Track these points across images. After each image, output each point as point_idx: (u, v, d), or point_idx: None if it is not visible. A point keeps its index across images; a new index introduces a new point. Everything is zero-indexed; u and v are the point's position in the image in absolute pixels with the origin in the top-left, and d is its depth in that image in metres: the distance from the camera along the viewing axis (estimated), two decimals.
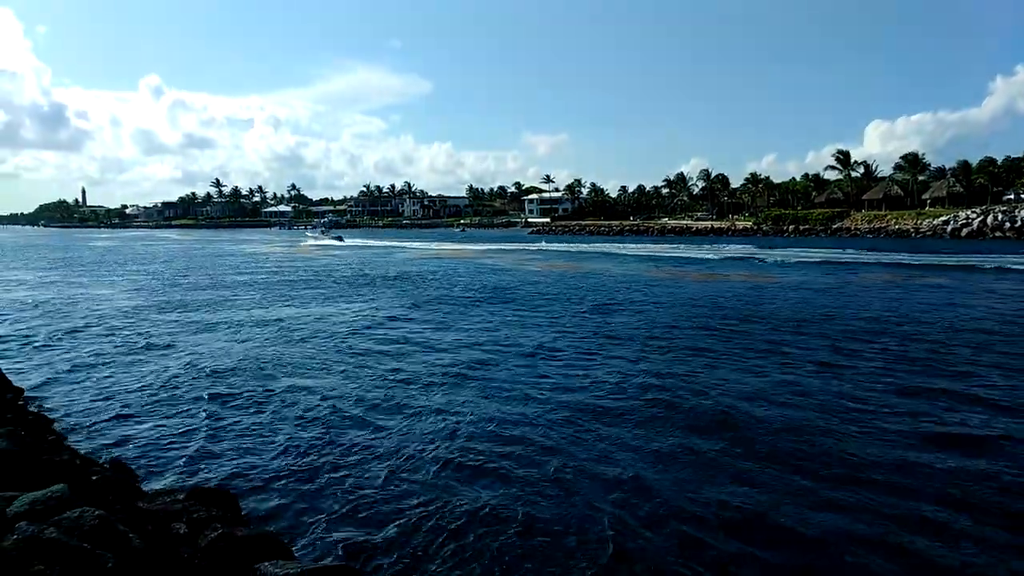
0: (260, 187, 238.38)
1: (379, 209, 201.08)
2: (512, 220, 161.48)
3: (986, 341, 17.78)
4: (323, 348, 18.33)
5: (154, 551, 5.91)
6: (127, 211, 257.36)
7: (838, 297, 27.46)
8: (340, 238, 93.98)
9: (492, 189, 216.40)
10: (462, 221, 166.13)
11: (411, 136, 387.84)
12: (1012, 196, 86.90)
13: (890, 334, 18.88)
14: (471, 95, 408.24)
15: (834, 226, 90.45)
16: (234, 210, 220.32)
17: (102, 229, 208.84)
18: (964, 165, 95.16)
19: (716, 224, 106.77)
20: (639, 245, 74.02)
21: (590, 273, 41.09)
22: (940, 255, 48.16)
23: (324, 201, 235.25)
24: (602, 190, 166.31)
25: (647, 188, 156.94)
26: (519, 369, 15.37)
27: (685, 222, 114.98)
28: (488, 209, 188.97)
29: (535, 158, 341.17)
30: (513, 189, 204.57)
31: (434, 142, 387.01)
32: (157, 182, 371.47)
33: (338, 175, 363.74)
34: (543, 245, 78.90)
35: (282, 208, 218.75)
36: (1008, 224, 70.14)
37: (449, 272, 42.86)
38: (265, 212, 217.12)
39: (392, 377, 14.72)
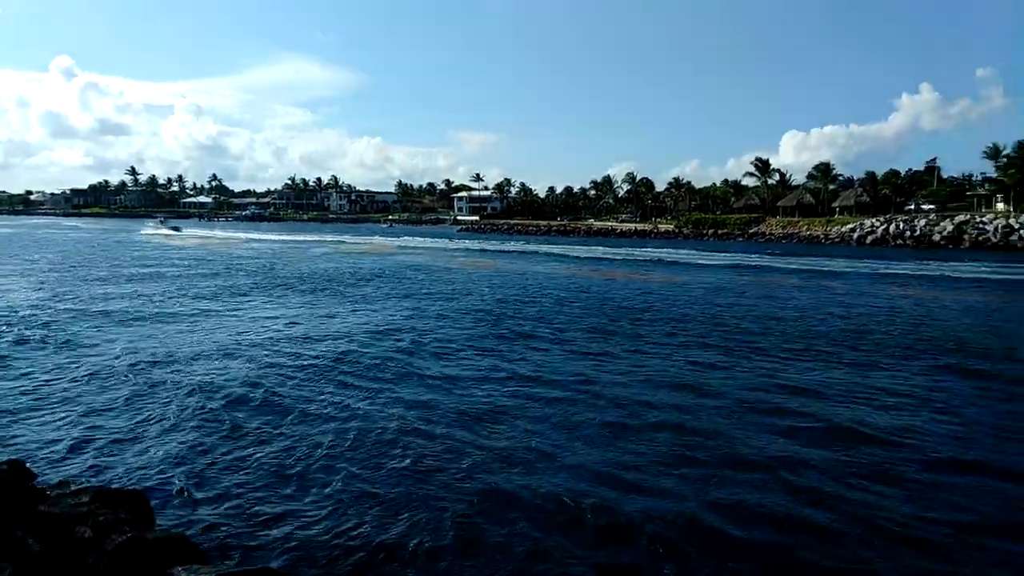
0: (180, 176, 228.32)
1: (304, 203, 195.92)
2: (441, 217, 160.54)
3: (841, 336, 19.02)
4: (229, 341, 17.75)
5: (56, 557, 5.57)
6: (32, 197, 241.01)
7: (728, 296, 28.67)
8: (178, 228, 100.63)
9: (422, 186, 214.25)
10: (390, 217, 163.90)
11: (340, 130, 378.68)
12: (912, 207, 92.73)
13: (773, 330, 19.95)
14: (402, 90, 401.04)
15: (751, 231, 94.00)
16: (150, 199, 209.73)
17: (2, 216, 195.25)
18: (871, 176, 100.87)
19: (640, 226, 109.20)
20: (562, 246, 74.87)
21: (502, 271, 41.39)
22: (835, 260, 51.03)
23: (247, 193, 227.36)
24: (531, 190, 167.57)
25: (575, 189, 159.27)
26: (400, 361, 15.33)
27: (610, 224, 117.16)
28: (417, 206, 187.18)
29: (465, 156, 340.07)
30: (443, 186, 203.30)
31: (363, 136, 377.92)
32: (66, 168, 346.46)
33: (262, 167, 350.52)
34: (467, 243, 78.79)
35: (202, 199, 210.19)
36: (908, 233, 74.73)
37: (365, 269, 42.22)
38: (184, 202, 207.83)
39: (306, 367, 14.41)
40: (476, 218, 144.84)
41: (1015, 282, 36.42)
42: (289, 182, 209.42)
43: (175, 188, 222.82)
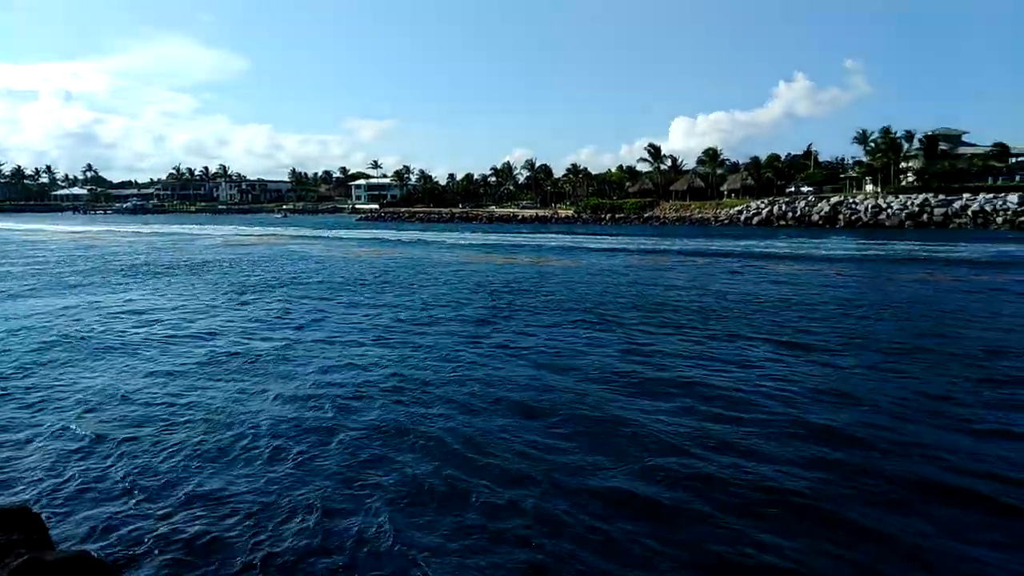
0: (48, 167, 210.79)
1: (191, 193, 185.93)
2: (339, 206, 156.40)
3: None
4: (110, 339, 16.22)
5: None
6: None
7: (616, 278, 28.95)
8: None
9: (317, 174, 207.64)
10: (284, 207, 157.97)
11: (226, 116, 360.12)
12: (793, 189, 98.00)
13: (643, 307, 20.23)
14: (291, 75, 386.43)
15: (646, 215, 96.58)
16: (16, 192, 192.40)
17: None
18: (755, 161, 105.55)
19: (540, 212, 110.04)
20: (464, 234, 74.29)
21: (400, 258, 40.17)
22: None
23: (127, 184, 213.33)
24: (431, 177, 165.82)
25: (475, 176, 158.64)
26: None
27: (512, 210, 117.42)
28: (313, 194, 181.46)
29: (361, 143, 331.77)
30: (339, 174, 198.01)
31: (251, 123, 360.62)
32: None
33: (142, 156, 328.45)
34: (367, 232, 76.90)
35: (76, 191, 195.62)
36: (790, 214, 78.81)
37: (252, 260, 40.09)
38: (55, 195, 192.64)
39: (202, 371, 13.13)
40: (376, 206, 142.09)
41: (867, 258, 38.74)
42: (173, 172, 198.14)
43: (44, 179, 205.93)
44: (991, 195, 70.37)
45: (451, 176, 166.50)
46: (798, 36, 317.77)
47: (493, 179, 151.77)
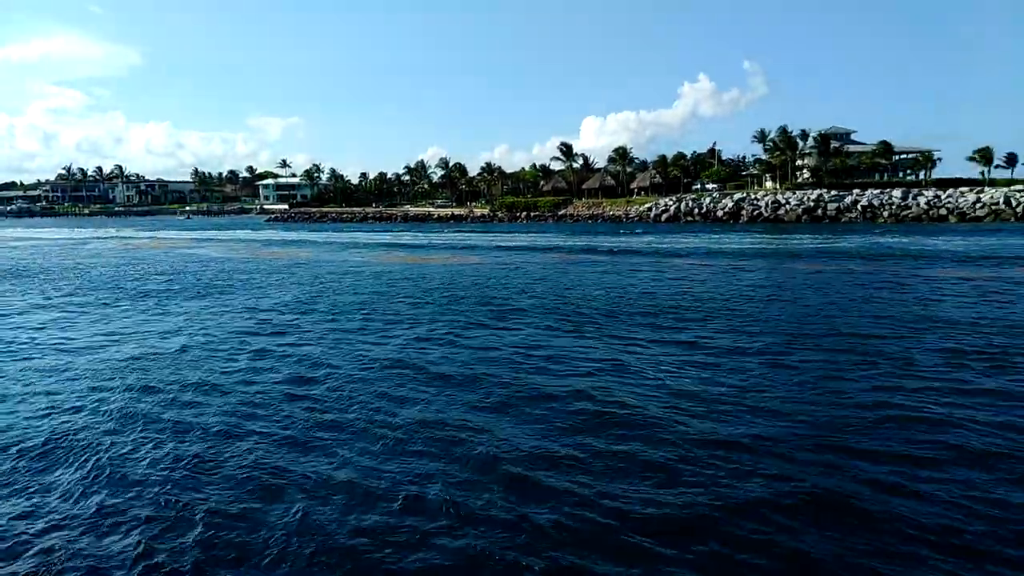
0: None
1: (84, 195, 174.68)
2: (246, 207, 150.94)
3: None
4: None
5: None
6: None
7: (518, 276, 29.20)
8: None
9: (222, 174, 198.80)
10: (187, 208, 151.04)
11: (121, 113, 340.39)
12: (699, 186, 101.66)
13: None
14: (191, 69, 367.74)
15: (560, 212, 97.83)
16: None
17: None
18: (662, 159, 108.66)
19: (456, 211, 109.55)
20: (377, 234, 73.02)
21: (304, 262, 39.04)
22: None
23: (11, 185, 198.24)
24: (342, 176, 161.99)
25: (388, 175, 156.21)
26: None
27: (427, 209, 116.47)
28: (218, 195, 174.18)
29: (268, 141, 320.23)
30: (246, 174, 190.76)
31: (149, 121, 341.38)
32: None
33: (28, 156, 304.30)
34: (274, 234, 74.44)
35: None
36: (696, 210, 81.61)
37: (148, 266, 37.91)
38: None
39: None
40: (286, 207, 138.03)
41: (764, 253, 40.66)
42: (64, 172, 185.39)
43: None
44: (878, 191, 75.17)
45: (363, 175, 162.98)
46: (700, 37, 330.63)
47: (407, 178, 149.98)
